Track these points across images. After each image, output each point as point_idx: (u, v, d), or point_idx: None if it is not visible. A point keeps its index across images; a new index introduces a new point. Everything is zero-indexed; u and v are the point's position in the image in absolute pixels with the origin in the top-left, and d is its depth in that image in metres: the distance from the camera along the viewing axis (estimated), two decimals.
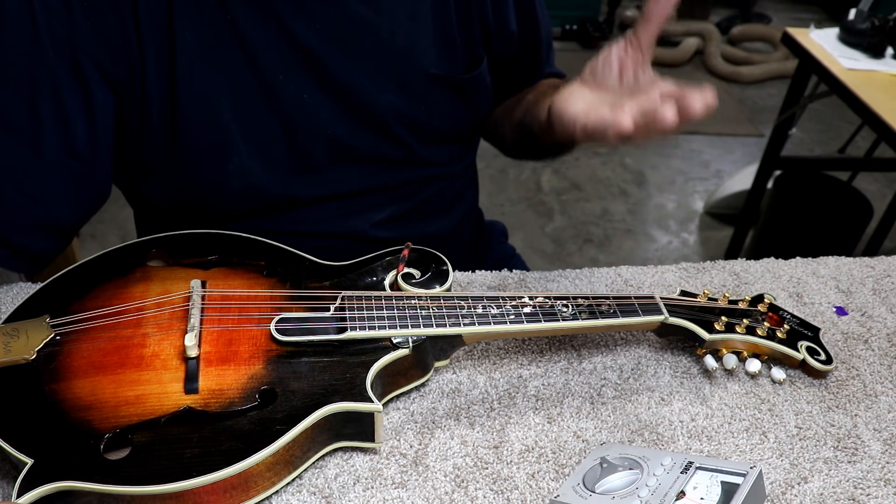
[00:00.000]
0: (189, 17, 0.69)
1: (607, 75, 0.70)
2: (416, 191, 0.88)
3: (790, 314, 0.73)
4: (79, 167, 0.72)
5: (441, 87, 0.82)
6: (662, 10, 0.66)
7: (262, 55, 0.72)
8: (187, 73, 0.71)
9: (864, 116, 1.51)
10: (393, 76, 0.79)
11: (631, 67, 0.68)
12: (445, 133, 0.86)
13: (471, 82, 0.84)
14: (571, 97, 0.69)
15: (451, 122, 0.86)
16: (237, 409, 0.55)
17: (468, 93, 0.85)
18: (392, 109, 0.80)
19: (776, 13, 4.36)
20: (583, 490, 0.55)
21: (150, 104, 0.71)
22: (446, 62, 0.82)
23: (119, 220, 2.26)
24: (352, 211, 0.84)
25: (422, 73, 0.80)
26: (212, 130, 0.74)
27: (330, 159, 0.80)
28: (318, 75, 0.75)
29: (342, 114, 0.78)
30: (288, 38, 0.73)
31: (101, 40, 0.68)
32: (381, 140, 0.81)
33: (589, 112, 0.65)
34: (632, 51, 0.68)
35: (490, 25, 0.85)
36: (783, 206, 2.07)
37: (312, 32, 0.73)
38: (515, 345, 0.72)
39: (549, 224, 2.51)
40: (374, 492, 0.57)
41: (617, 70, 0.69)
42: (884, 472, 0.61)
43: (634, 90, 0.68)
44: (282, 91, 0.74)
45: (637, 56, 0.68)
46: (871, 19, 1.68)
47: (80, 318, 0.61)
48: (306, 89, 0.75)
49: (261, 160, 0.77)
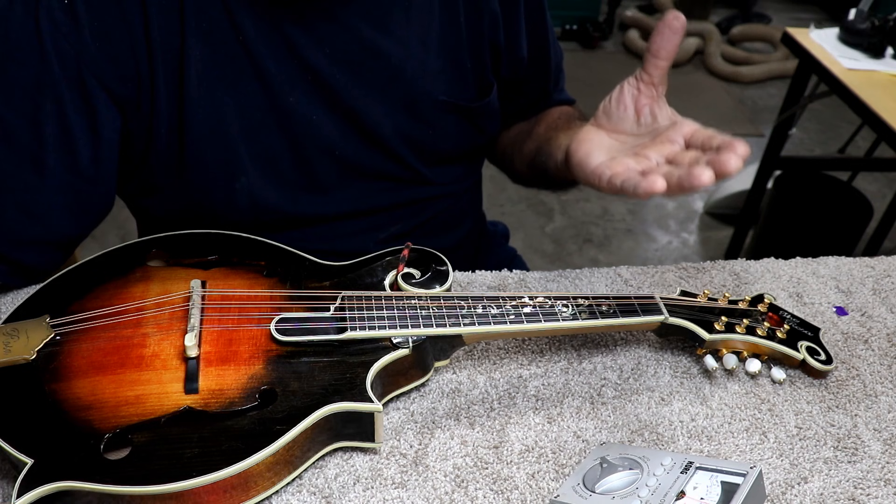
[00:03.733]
0: (200, 35, 0.69)
1: (623, 117, 0.67)
2: (422, 209, 0.87)
3: (790, 314, 0.73)
4: (82, 185, 0.71)
5: (449, 113, 0.81)
6: (669, 44, 0.63)
7: (272, 76, 0.72)
8: (196, 91, 0.70)
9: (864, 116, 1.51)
10: (402, 101, 0.78)
11: (647, 106, 0.66)
12: (452, 155, 0.86)
13: (479, 109, 0.83)
14: (590, 146, 0.66)
15: (458, 146, 0.85)
16: (237, 409, 0.55)
17: (476, 118, 0.84)
18: (399, 132, 0.79)
19: (776, 13, 4.35)
20: (583, 490, 0.55)
21: (159, 122, 0.71)
22: (456, 89, 0.81)
23: (119, 220, 2.26)
24: (357, 230, 0.84)
25: (431, 99, 0.80)
26: (220, 148, 0.73)
27: (337, 179, 0.80)
28: (327, 97, 0.75)
29: (350, 135, 0.77)
30: (298, 60, 0.72)
31: (110, 59, 0.67)
32: (387, 161, 0.81)
33: (613, 165, 0.62)
34: (644, 87, 0.65)
35: (501, 50, 0.84)
36: (783, 206, 2.07)
37: (322, 55, 0.73)
38: (515, 345, 0.72)
39: (549, 224, 2.51)
40: (374, 492, 0.57)
41: (632, 111, 0.66)
42: (884, 472, 0.61)
43: (654, 131, 0.65)
44: (291, 111, 0.74)
45: (651, 92, 0.65)
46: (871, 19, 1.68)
47: (80, 318, 0.61)
48: (315, 110, 0.75)
49: (268, 179, 0.76)
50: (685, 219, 2.59)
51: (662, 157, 0.61)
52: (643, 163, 0.61)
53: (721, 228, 2.53)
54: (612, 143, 0.67)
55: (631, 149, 0.64)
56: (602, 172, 0.62)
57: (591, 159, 0.64)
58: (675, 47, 0.63)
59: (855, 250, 2.04)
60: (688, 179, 0.56)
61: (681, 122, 0.64)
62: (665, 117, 0.66)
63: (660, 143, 0.63)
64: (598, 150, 0.65)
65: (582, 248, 2.41)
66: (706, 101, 3.40)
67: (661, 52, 0.63)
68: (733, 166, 0.55)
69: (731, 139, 0.58)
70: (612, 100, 0.67)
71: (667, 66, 0.64)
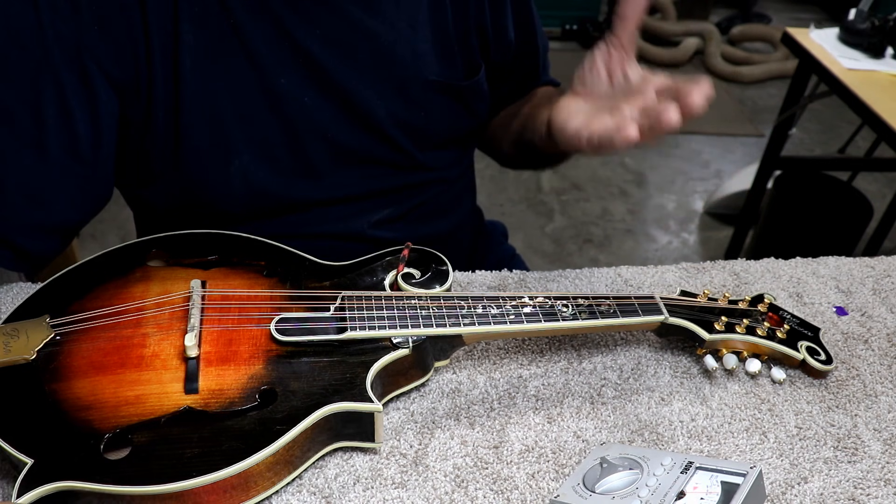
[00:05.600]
0: (193, 19, 0.70)
1: (596, 82, 0.69)
2: (415, 193, 0.88)
3: (790, 314, 0.73)
4: (82, 169, 0.72)
5: (440, 94, 0.82)
6: (636, 7, 0.66)
7: (263, 59, 0.73)
8: (190, 75, 0.71)
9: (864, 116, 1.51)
10: (392, 82, 0.79)
11: (618, 68, 0.68)
12: (444, 138, 0.87)
13: (469, 89, 0.84)
14: (568, 111, 0.69)
15: (449, 128, 0.86)
16: (237, 409, 0.55)
17: (467, 99, 0.85)
18: (391, 115, 0.80)
19: (776, 13, 4.36)
20: (583, 490, 0.55)
21: (156, 106, 0.71)
22: (445, 69, 0.82)
23: (119, 220, 2.26)
24: (351, 213, 0.84)
25: (421, 80, 0.80)
26: (214, 132, 0.74)
27: (330, 163, 0.80)
28: (319, 80, 0.75)
29: (342, 118, 0.78)
30: (289, 43, 0.73)
31: (108, 43, 0.68)
32: (380, 144, 0.81)
33: (590, 123, 0.65)
34: (615, 52, 0.68)
35: (488, 34, 0.85)
36: (783, 206, 2.07)
37: (313, 38, 0.74)
38: (515, 345, 0.72)
39: (549, 224, 2.51)
40: (374, 492, 0.57)
41: (605, 74, 0.69)
42: (884, 472, 0.61)
43: (627, 90, 0.67)
44: (283, 95, 0.74)
45: (621, 55, 0.68)
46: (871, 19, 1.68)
47: (80, 318, 0.61)
48: (307, 93, 0.75)
49: (262, 162, 0.77)
50: (685, 219, 2.59)
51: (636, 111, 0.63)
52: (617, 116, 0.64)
53: (721, 228, 2.53)
54: (589, 107, 0.69)
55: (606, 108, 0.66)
56: (580, 132, 0.65)
57: (570, 123, 0.67)
58: (642, 10, 0.67)
59: (855, 250, 2.04)
60: (657, 121, 0.59)
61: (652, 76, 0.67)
62: (636, 76, 0.68)
63: (632, 97, 0.65)
64: (576, 115, 0.68)
65: (582, 248, 2.41)
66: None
67: (629, 15, 0.67)
68: (696, 102, 0.58)
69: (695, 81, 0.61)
70: (586, 67, 0.70)
71: (634, 28, 0.67)
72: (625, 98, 0.66)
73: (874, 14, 1.72)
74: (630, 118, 0.62)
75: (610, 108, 0.66)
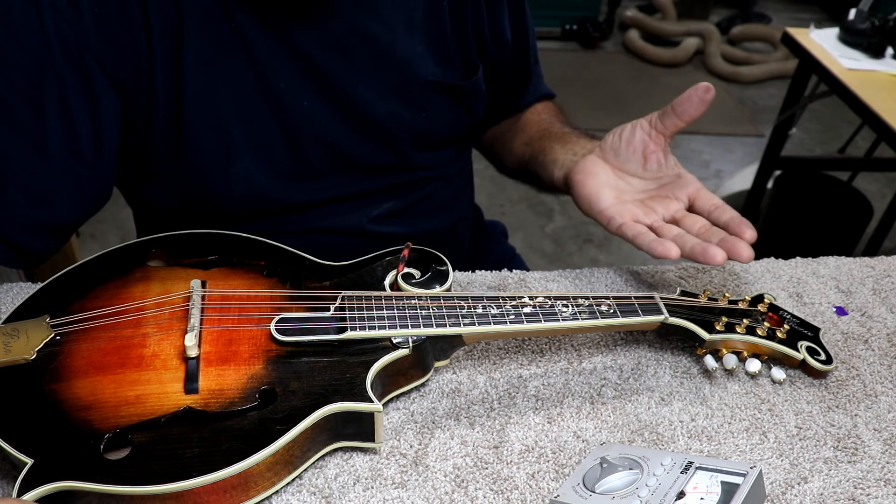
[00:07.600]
0: (196, 22, 0.70)
1: (630, 158, 0.70)
2: (414, 190, 0.88)
3: (790, 314, 0.73)
4: (82, 169, 0.72)
5: (439, 94, 0.82)
6: (695, 111, 0.67)
7: (264, 62, 0.73)
8: (192, 77, 0.71)
9: (864, 116, 1.51)
10: (392, 84, 0.79)
11: (654, 153, 0.69)
12: (444, 138, 0.87)
13: (468, 88, 0.85)
14: (597, 182, 0.70)
15: (449, 128, 0.86)
16: (237, 409, 0.55)
17: (466, 98, 0.85)
18: (391, 116, 0.80)
19: (776, 13, 4.36)
20: (583, 490, 0.55)
21: (157, 108, 0.72)
22: (443, 69, 0.82)
23: (119, 220, 2.26)
24: (350, 210, 0.85)
25: (420, 80, 0.81)
26: (215, 134, 0.74)
27: (331, 165, 0.80)
28: (319, 83, 0.75)
29: (342, 121, 0.78)
30: (289, 47, 0.73)
31: (110, 44, 0.68)
32: (380, 145, 0.82)
33: (624, 213, 0.68)
34: (655, 136, 0.69)
35: (486, 35, 0.85)
36: (783, 206, 2.07)
37: (313, 41, 0.74)
38: (515, 345, 0.72)
39: (549, 224, 2.51)
40: (374, 492, 0.57)
41: (640, 155, 0.69)
42: (884, 472, 0.61)
43: (658, 178, 0.70)
44: (283, 98, 0.75)
45: (661, 141, 0.69)
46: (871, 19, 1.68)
47: (80, 318, 0.61)
48: (307, 97, 0.76)
49: (263, 165, 0.77)
50: None
51: (669, 215, 0.67)
52: (651, 216, 0.68)
53: None
54: (619, 183, 0.71)
55: (638, 194, 0.69)
56: (612, 217, 0.69)
57: (601, 199, 0.70)
58: (698, 114, 0.68)
59: (855, 250, 2.04)
60: (702, 255, 0.64)
61: (685, 178, 0.70)
62: (670, 167, 0.70)
63: (665, 198, 0.69)
64: (606, 189, 0.70)
65: (582, 248, 2.41)
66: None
67: (685, 116, 0.68)
68: (745, 257, 0.64)
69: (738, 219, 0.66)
70: (622, 138, 0.71)
71: (683, 125, 0.69)
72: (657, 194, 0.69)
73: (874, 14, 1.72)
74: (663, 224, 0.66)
75: (641, 196, 0.68)
